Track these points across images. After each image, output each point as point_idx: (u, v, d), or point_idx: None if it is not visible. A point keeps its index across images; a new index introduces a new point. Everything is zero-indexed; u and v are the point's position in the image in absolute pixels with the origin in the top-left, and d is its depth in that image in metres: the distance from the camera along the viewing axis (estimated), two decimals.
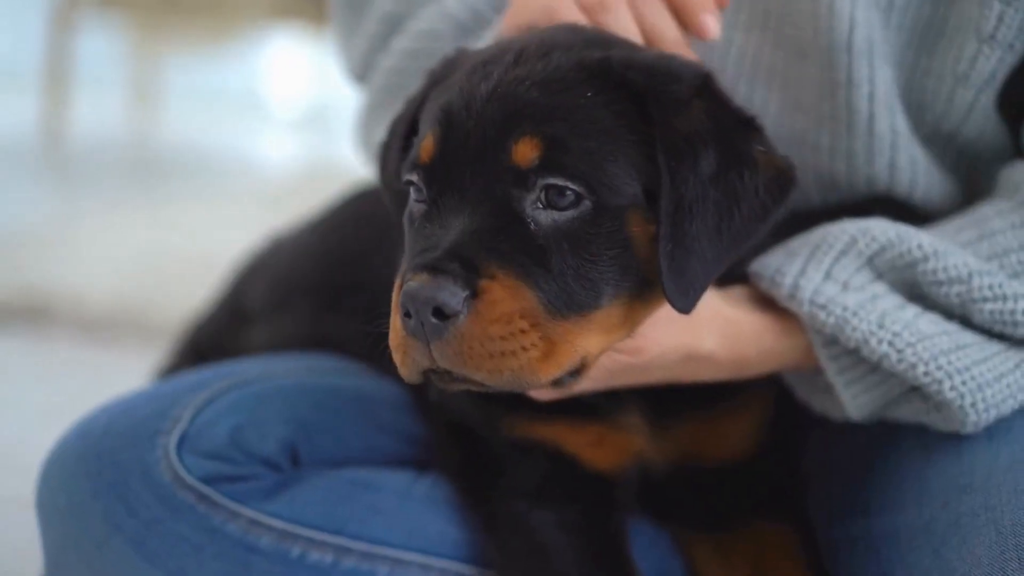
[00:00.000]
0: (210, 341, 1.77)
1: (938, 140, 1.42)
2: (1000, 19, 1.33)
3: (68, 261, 3.77)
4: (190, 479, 1.30)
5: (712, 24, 1.29)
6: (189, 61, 6.70)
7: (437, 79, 1.25)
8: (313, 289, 1.63)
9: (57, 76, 5.82)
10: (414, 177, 1.18)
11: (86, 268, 3.69)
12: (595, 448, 1.36)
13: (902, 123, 1.39)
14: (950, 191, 1.45)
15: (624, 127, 1.16)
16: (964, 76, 1.36)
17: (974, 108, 1.38)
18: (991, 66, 1.35)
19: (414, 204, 1.19)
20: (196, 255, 3.50)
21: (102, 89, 6.35)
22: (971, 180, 1.46)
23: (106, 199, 4.82)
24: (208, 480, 1.31)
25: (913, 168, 1.41)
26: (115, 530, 1.31)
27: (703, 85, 1.21)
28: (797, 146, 1.41)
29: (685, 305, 1.16)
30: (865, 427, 1.37)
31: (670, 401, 1.36)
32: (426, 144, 1.17)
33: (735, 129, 1.20)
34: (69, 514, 1.33)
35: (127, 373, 2.12)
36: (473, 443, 1.36)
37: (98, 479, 1.32)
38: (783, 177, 1.21)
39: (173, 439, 1.32)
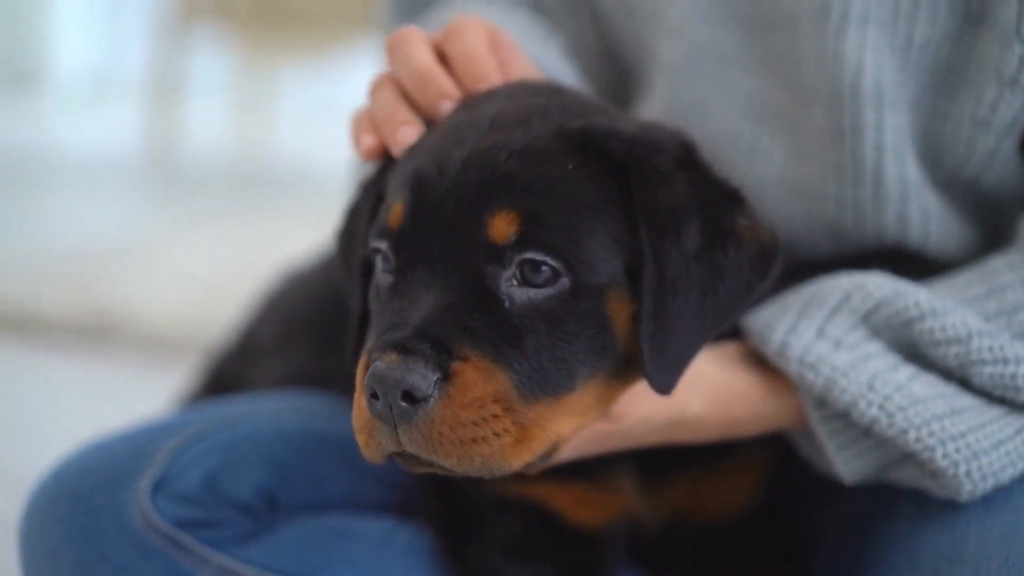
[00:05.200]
0: (225, 373, 1.77)
1: (957, 187, 1.35)
2: (1022, 62, 1.25)
3: (142, 278, 3.81)
4: (161, 523, 1.29)
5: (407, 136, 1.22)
6: (298, 74, 6.78)
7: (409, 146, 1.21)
8: (316, 327, 1.62)
9: (163, 88, 5.95)
10: (382, 245, 1.14)
11: (159, 286, 3.72)
12: (581, 506, 1.32)
13: (913, 173, 1.32)
14: (968, 240, 1.37)
15: (605, 201, 1.11)
16: (985, 122, 1.29)
17: (996, 155, 1.30)
18: (1013, 112, 1.28)
19: (380, 275, 1.16)
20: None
21: (208, 102, 6.47)
22: (994, 228, 1.38)
23: (200, 214, 4.89)
24: (181, 525, 1.29)
25: (925, 219, 1.34)
26: (87, 574, 1.30)
27: (686, 156, 1.16)
28: (803, 194, 1.36)
29: (665, 386, 1.12)
30: (865, 487, 1.30)
31: (663, 460, 1.31)
32: (395, 210, 1.13)
33: (719, 202, 1.16)
34: (44, 556, 1.33)
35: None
36: (453, 493, 1.33)
37: (71, 522, 1.31)
38: (767, 252, 1.17)
39: (147, 482, 1.31)
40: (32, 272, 3.85)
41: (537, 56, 1.45)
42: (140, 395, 2.64)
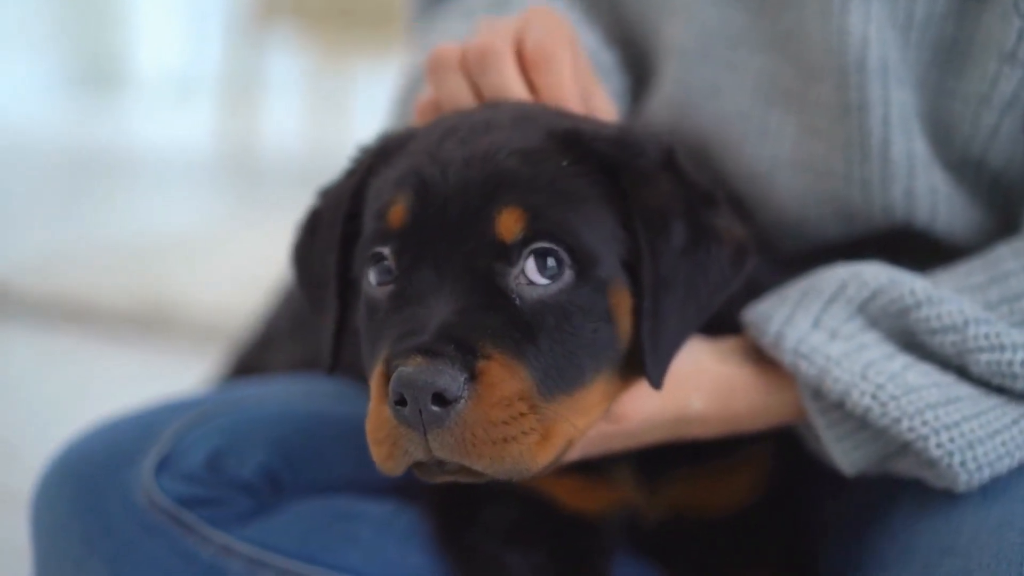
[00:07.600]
0: (247, 361, 1.80)
1: (967, 167, 1.33)
2: (1020, 36, 1.24)
3: (206, 273, 3.86)
4: (164, 501, 1.31)
5: None
6: (374, 73, 6.83)
7: (385, 152, 1.22)
8: None
9: (239, 88, 6.02)
10: (384, 249, 1.14)
11: (223, 281, 3.76)
12: (577, 495, 1.32)
13: (920, 148, 1.31)
14: (979, 222, 1.35)
15: (599, 198, 1.13)
16: (986, 97, 1.27)
17: (998, 132, 1.29)
18: (1012, 87, 1.26)
19: (374, 288, 1.15)
20: None
21: (285, 101, 6.53)
22: (1008, 212, 1.35)
23: (273, 212, 4.91)
24: (183, 503, 1.31)
25: (933, 197, 1.32)
26: (92, 550, 1.33)
27: (668, 159, 1.18)
28: (812, 173, 1.35)
29: (658, 379, 1.14)
30: (869, 478, 1.28)
31: (662, 457, 1.30)
32: (396, 210, 1.13)
33: (700, 203, 1.18)
34: (52, 532, 1.36)
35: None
36: None
37: (78, 499, 1.34)
38: (742, 250, 1.19)
39: (152, 461, 1.33)
40: (98, 265, 3.93)
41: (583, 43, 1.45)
42: (194, 385, 2.69)
